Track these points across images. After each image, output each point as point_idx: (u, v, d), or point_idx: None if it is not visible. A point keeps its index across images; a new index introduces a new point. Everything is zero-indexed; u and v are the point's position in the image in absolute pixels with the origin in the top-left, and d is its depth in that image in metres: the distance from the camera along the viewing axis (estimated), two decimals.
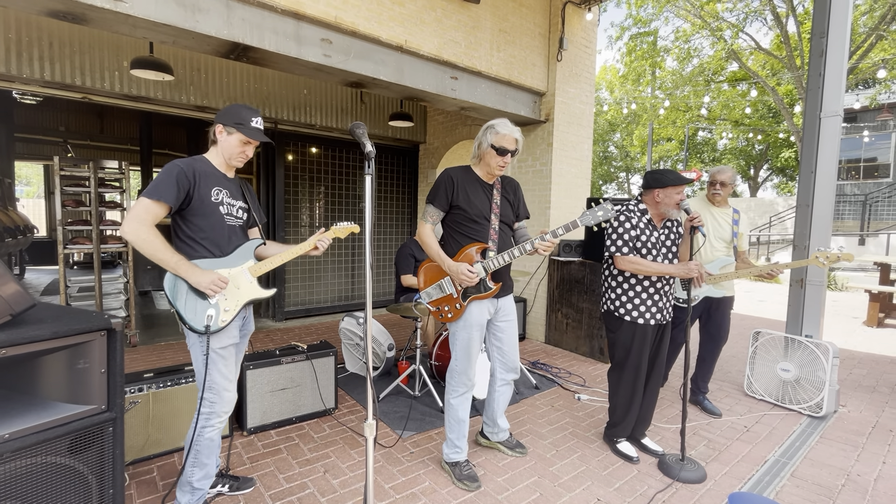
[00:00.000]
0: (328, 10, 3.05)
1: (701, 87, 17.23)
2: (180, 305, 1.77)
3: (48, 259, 10.11)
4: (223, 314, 1.83)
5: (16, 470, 1.24)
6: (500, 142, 2.15)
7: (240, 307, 1.89)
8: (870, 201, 14.48)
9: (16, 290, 1.29)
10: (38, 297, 5.42)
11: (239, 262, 1.92)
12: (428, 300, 2.33)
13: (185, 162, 1.80)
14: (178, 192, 1.74)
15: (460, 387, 2.31)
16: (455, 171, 2.25)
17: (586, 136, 5.16)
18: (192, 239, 1.83)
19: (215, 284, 1.76)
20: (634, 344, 2.46)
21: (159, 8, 2.49)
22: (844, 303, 7.82)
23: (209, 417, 1.85)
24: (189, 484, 1.87)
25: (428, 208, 2.27)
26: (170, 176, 1.73)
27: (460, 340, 2.27)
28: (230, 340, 1.89)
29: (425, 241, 2.26)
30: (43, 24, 3.75)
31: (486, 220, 2.23)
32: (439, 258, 2.23)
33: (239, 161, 1.93)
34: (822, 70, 3.18)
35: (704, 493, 2.24)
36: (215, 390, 1.85)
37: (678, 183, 2.33)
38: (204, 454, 1.87)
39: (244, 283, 1.91)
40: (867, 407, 3.35)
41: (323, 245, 2.02)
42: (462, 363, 2.29)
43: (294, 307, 5.89)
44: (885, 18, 11.85)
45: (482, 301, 2.24)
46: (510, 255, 2.17)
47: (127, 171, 4.45)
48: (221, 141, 1.89)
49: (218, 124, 1.88)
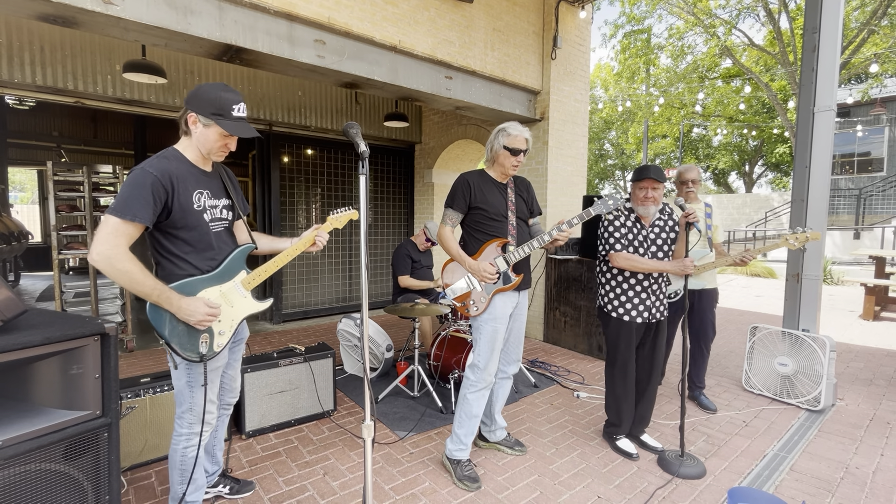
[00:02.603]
0: (321, 10, 3.04)
1: (695, 84, 17.31)
2: (168, 335, 1.55)
3: (43, 265, 10.05)
4: (218, 338, 1.65)
5: (10, 478, 1.23)
6: (513, 143, 2.24)
7: (235, 326, 1.72)
8: (864, 195, 14.55)
9: (7, 296, 1.28)
10: (31, 303, 5.38)
11: (230, 276, 1.70)
12: (453, 296, 2.39)
13: (156, 166, 1.51)
14: (154, 207, 1.48)
15: (480, 382, 2.33)
16: (471, 175, 2.35)
17: (581, 134, 5.16)
18: (176, 255, 1.59)
19: (206, 319, 1.56)
20: (621, 341, 2.49)
21: (151, 10, 2.47)
22: (840, 297, 7.86)
23: (191, 438, 1.72)
24: (183, 500, 1.77)
25: (447, 212, 2.35)
26: (142, 188, 1.45)
27: (486, 333, 2.30)
28: (221, 361, 1.74)
29: (445, 243, 2.34)
30: (34, 28, 3.73)
31: (504, 217, 2.32)
32: (460, 258, 2.32)
33: (219, 156, 1.68)
34: (815, 65, 3.19)
35: (704, 489, 2.24)
36: (196, 413, 1.69)
37: (637, 178, 2.43)
38: (191, 470, 1.77)
39: (237, 299, 1.72)
40: (865, 400, 3.37)
41: (322, 240, 1.84)
42: (485, 357, 2.31)
43: (291, 309, 5.87)
44: (877, 13, 11.91)
45: (506, 293, 2.31)
46: (530, 246, 2.26)
47: (121, 175, 4.42)
48: (196, 133, 1.60)
49: (190, 112, 1.58)
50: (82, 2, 2.26)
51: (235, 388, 2.05)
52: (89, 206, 4.22)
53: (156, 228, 1.56)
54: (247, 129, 1.62)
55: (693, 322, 3.18)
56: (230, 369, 1.98)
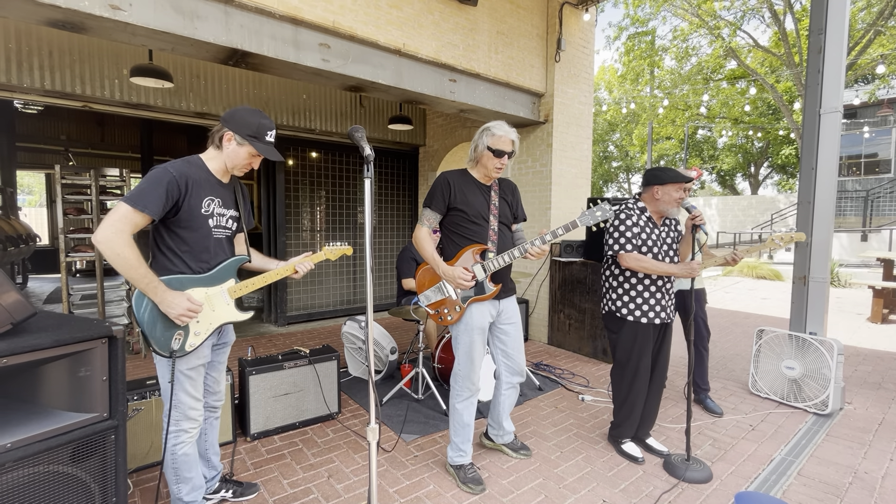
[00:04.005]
0: (326, 15, 3.06)
1: (700, 86, 17.23)
2: (146, 325, 1.62)
3: (51, 267, 10.14)
4: (192, 338, 1.71)
5: (18, 479, 1.24)
6: (497, 144, 2.15)
7: (212, 331, 1.77)
8: (871, 197, 14.44)
9: (16, 298, 1.29)
10: (40, 306, 5.42)
11: (219, 282, 1.79)
12: (427, 303, 2.31)
13: (178, 168, 1.65)
14: (164, 203, 1.58)
15: (464, 391, 2.29)
16: (451, 174, 2.25)
17: (586, 137, 5.16)
18: (173, 251, 1.69)
19: (186, 314, 1.62)
20: (636, 344, 2.44)
21: (158, 16, 2.50)
22: (848, 299, 7.78)
23: (178, 435, 1.77)
24: (179, 500, 1.83)
25: (425, 212, 2.25)
26: (159, 184, 1.58)
27: (462, 344, 2.25)
28: (199, 361, 1.78)
29: (421, 244, 2.23)
30: (43, 33, 3.77)
31: (485, 220, 2.22)
32: (433, 262, 2.21)
33: (241, 171, 1.83)
34: (821, 66, 3.17)
35: (711, 493, 2.22)
36: (181, 409, 1.75)
37: (677, 180, 2.33)
38: (184, 469, 1.81)
39: (220, 305, 1.79)
40: (873, 404, 3.33)
41: (303, 269, 1.94)
42: (465, 367, 2.26)
43: (296, 312, 5.89)
44: (883, 14, 11.84)
45: (482, 303, 2.22)
46: (510, 255, 2.15)
47: (128, 178, 4.47)
48: (228, 149, 1.75)
49: (227, 131, 1.73)
50: (91, 7, 2.29)
51: (220, 392, 2.06)
52: (96, 209, 4.26)
53: (161, 223, 1.66)
54: (275, 154, 1.79)
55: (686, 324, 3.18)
56: (214, 371, 1.98)
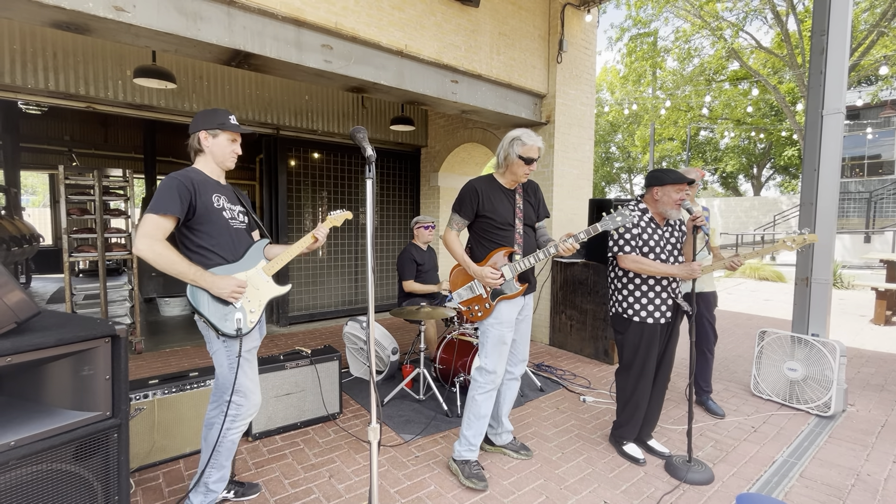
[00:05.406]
0: (328, 16, 3.07)
1: (702, 87, 17.21)
2: (207, 313, 1.79)
3: (54, 267, 10.17)
4: (250, 315, 1.89)
5: (22, 477, 1.25)
6: (528, 152, 2.26)
7: (263, 306, 1.97)
8: (874, 198, 14.37)
9: (21, 298, 1.30)
10: (43, 305, 5.45)
11: (252, 264, 1.97)
12: (459, 300, 2.43)
13: (180, 174, 1.82)
14: (181, 203, 1.75)
15: (488, 384, 2.35)
16: (479, 182, 2.37)
17: (587, 138, 5.16)
18: (203, 247, 1.85)
19: (236, 291, 1.81)
20: (643, 344, 2.45)
21: (161, 17, 2.51)
22: (851, 301, 7.75)
23: (235, 420, 1.90)
24: (205, 485, 1.90)
25: (454, 216, 2.38)
26: (170, 189, 1.75)
27: (492, 337, 2.33)
28: (254, 343, 1.96)
29: (451, 246, 2.38)
30: (47, 34, 3.79)
31: (512, 225, 2.35)
32: (464, 263, 2.36)
33: (232, 161, 1.96)
34: (824, 67, 3.17)
35: (712, 495, 2.22)
36: (243, 393, 1.90)
37: (677, 181, 2.36)
38: (224, 455, 1.92)
39: (262, 283, 1.97)
40: (876, 406, 3.32)
41: (321, 234, 2.05)
42: (493, 360, 2.34)
43: (298, 312, 5.90)
44: (886, 15, 11.79)
45: (510, 300, 2.33)
46: (535, 258, 2.28)
47: (131, 179, 4.48)
48: (209, 146, 1.91)
49: (200, 132, 1.90)
50: (95, 9, 2.30)
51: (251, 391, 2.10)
52: (100, 209, 4.28)
53: (184, 226, 1.82)
54: (244, 128, 1.97)
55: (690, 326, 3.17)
56: None
